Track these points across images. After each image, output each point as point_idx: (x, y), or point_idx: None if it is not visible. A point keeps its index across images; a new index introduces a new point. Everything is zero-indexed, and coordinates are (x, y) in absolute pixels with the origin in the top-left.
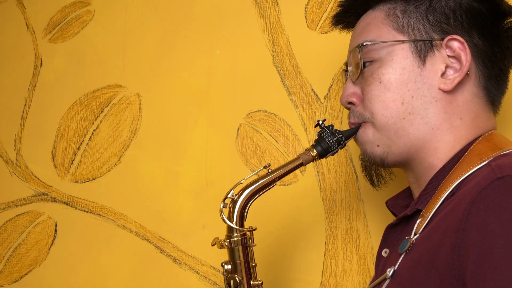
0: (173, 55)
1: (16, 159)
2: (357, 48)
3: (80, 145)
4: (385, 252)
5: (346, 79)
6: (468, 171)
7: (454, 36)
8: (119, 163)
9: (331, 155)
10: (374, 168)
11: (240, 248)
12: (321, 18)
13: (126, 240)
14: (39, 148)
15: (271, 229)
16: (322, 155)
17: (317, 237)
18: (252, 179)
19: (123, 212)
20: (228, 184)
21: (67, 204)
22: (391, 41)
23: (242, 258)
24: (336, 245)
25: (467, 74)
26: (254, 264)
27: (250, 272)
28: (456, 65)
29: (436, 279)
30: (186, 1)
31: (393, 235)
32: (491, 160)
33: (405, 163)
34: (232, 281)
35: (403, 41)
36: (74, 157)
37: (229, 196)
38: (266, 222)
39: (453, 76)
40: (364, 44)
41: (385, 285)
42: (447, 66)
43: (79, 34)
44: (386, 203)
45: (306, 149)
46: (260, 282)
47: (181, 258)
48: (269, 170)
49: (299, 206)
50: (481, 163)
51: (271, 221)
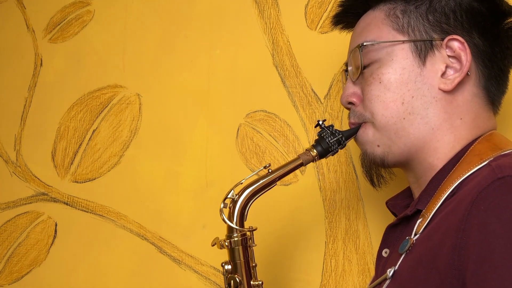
0: (173, 55)
1: (16, 159)
2: (357, 48)
3: (80, 145)
4: (385, 252)
5: (346, 79)
6: (469, 171)
7: (454, 36)
8: (119, 163)
9: (331, 155)
10: (374, 168)
11: (240, 248)
12: (321, 18)
13: (126, 240)
14: (39, 148)
15: (271, 229)
16: (322, 155)
17: (317, 237)
18: (252, 179)
19: (123, 212)
20: (228, 184)
21: (67, 204)
22: (391, 41)
23: (242, 258)
24: (336, 245)
25: (467, 74)
26: (254, 264)
27: (250, 272)
28: (456, 65)
29: (437, 279)
30: (186, 1)
31: (393, 235)
32: (492, 160)
33: (405, 163)
34: (232, 281)
35: (403, 41)
36: (74, 157)
37: (229, 196)
38: (266, 222)
39: (453, 76)
40: (364, 44)
41: (386, 285)
42: (447, 66)
43: (79, 34)
44: (386, 203)
45: (306, 149)
46: (260, 282)
47: (181, 258)
48: (269, 170)
49: (299, 206)
50: (482, 163)
51: (271, 221)
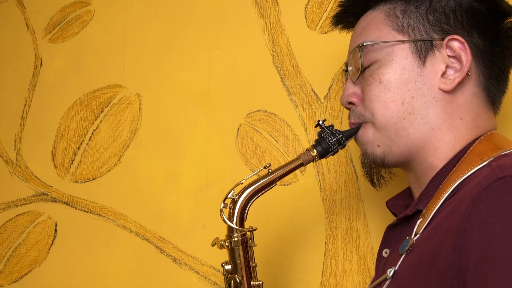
0: (173, 55)
1: (16, 159)
2: (357, 49)
3: (80, 145)
4: (386, 252)
5: (346, 79)
6: (469, 171)
7: (455, 36)
8: (119, 163)
9: (332, 155)
10: (375, 168)
11: (241, 248)
12: (321, 18)
13: (126, 240)
14: (39, 148)
15: (271, 229)
16: (323, 155)
17: (317, 237)
18: (253, 179)
19: (123, 212)
20: (228, 184)
21: (67, 204)
22: (391, 41)
23: (243, 258)
24: (336, 245)
25: (468, 74)
26: (254, 264)
27: (251, 272)
28: (457, 65)
29: (437, 280)
30: (186, 1)
31: (394, 235)
32: (492, 160)
33: (406, 163)
34: (233, 282)
35: (403, 41)
36: (74, 157)
37: (229, 196)
38: (266, 222)
39: (454, 76)
40: (364, 45)
41: (386, 286)
42: (448, 66)
43: (79, 34)
44: (386, 203)
45: (307, 149)
46: (261, 282)
47: (181, 258)
48: (270, 170)
49: (299, 206)
50: (482, 163)
51: (271, 221)
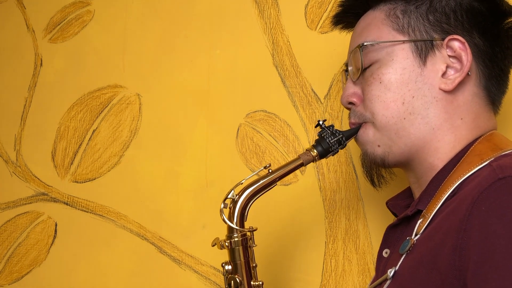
0: (173, 55)
1: (16, 159)
2: (358, 49)
3: (80, 145)
4: (386, 253)
5: (346, 79)
6: (469, 172)
7: (455, 36)
8: (119, 163)
9: (332, 155)
10: (375, 168)
11: (241, 249)
12: (321, 18)
13: (126, 240)
14: (39, 148)
15: (271, 230)
16: (323, 155)
17: (317, 237)
18: (253, 180)
19: (123, 212)
20: (228, 184)
21: (67, 204)
22: (392, 41)
23: (243, 259)
24: (336, 245)
25: (468, 74)
26: (255, 265)
27: (251, 273)
28: (457, 65)
29: (438, 280)
30: (186, 1)
31: (394, 236)
32: (492, 161)
33: (406, 163)
34: (233, 282)
35: (403, 41)
36: (74, 157)
37: (230, 197)
38: (266, 222)
39: (454, 76)
40: (365, 45)
41: (386, 286)
42: (448, 66)
43: (79, 34)
44: (387, 203)
45: (307, 149)
46: (261, 283)
47: (181, 258)
48: (270, 170)
49: (299, 206)
50: (482, 164)
51: (271, 221)
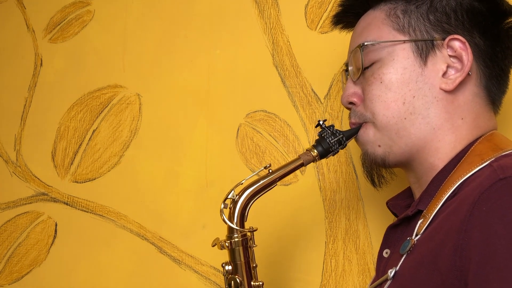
0: (173, 55)
1: (16, 159)
2: (358, 49)
3: (80, 145)
4: (386, 253)
5: (347, 79)
6: (470, 172)
7: (456, 36)
8: (119, 163)
9: (332, 155)
10: (375, 168)
11: (241, 249)
12: (321, 18)
13: (126, 240)
14: (39, 148)
15: (271, 230)
16: (323, 156)
17: (317, 237)
18: (253, 180)
19: (123, 212)
20: (228, 184)
21: (67, 204)
22: (392, 41)
23: (243, 259)
24: (336, 245)
25: (469, 74)
26: (255, 265)
27: (251, 273)
28: (458, 65)
29: (438, 280)
30: (186, 1)
31: (394, 236)
32: (493, 161)
33: (406, 163)
34: (233, 282)
35: (404, 41)
36: (74, 157)
37: (230, 197)
38: (266, 223)
39: (455, 76)
40: (365, 44)
41: (387, 286)
42: (449, 66)
43: (79, 34)
44: (387, 204)
45: (307, 149)
46: (261, 283)
47: (181, 258)
48: (270, 171)
49: (299, 206)
50: (483, 164)
51: (271, 222)
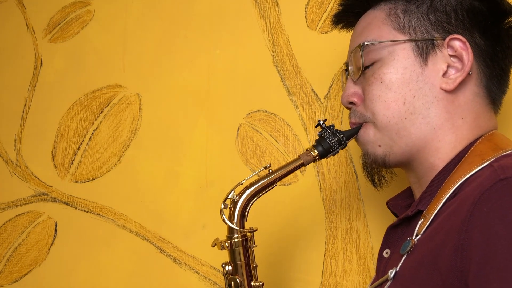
0: (173, 55)
1: (16, 159)
2: (358, 48)
3: (80, 145)
4: (387, 253)
5: (347, 79)
6: (470, 172)
7: (456, 36)
8: (119, 163)
9: (332, 155)
10: (376, 168)
11: (241, 249)
12: (321, 18)
13: (126, 240)
14: (39, 148)
15: (271, 230)
16: (323, 156)
17: (317, 237)
18: (253, 180)
19: (123, 212)
20: (228, 184)
21: (67, 204)
22: (393, 41)
23: (243, 259)
24: (336, 245)
25: (469, 74)
26: (255, 265)
27: (251, 273)
28: (458, 65)
29: (439, 280)
30: (186, 1)
31: (394, 236)
32: (493, 161)
33: (407, 163)
34: (233, 282)
35: (404, 41)
36: (74, 157)
37: (230, 197)
38: (266, 223)
39: (455, 76)
40: (366, 44)
41: (387, 286)
42: (449, 66)
43: (79, 34)
44: (387, 204)
45: (307, 149)
46: (261, 283)
47: (181, 258)
48: (270, 171)
49: (299, 206)
50: (483, 164)
51: (271, 222)
